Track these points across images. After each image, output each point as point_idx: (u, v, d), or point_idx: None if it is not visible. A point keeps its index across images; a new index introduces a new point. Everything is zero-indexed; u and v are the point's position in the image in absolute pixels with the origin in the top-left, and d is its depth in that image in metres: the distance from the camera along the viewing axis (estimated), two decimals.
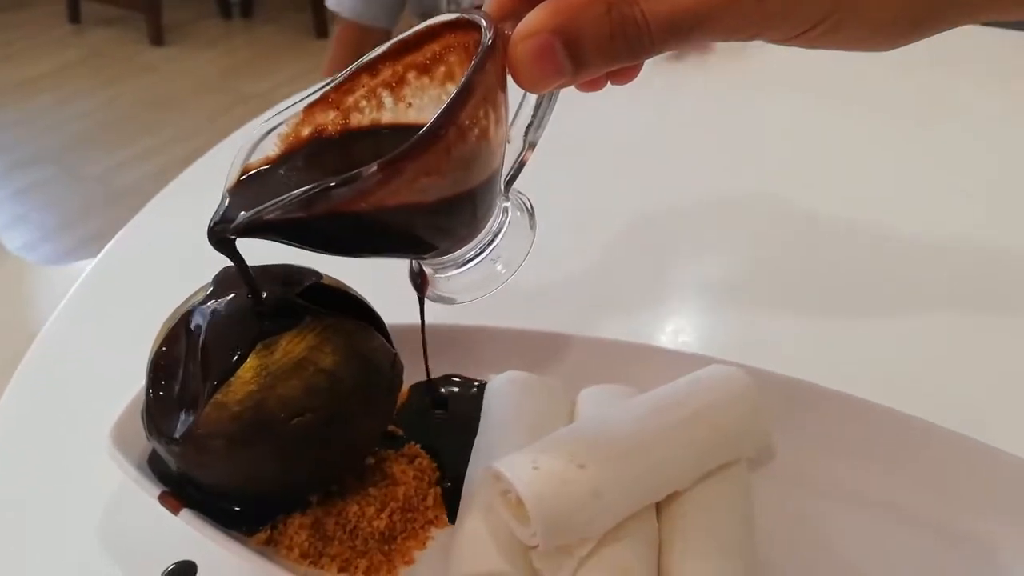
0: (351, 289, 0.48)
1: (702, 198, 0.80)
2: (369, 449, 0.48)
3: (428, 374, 0.53)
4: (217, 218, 0.39)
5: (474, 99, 0.35)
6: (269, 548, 0.45)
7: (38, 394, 0.60)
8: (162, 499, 0.44)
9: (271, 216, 0.37)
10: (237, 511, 0.45)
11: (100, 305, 0.70)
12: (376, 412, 0.45)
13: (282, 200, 0.37)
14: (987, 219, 0.76)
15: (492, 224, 0.43)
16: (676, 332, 0.64)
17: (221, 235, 0.38)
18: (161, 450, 0.44)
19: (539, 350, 0.57)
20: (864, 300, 0.67)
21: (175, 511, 0.44)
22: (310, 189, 0.35)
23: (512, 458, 0.45)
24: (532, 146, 0.44)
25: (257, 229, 0.37)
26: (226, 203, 0.39)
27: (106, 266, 0.74)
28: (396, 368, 0.47)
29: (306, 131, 0.42)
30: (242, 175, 0.40)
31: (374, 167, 0.34)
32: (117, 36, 3.24)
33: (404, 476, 0.49)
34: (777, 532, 0.47)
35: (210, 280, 0.47)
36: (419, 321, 0.51)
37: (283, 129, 0.42)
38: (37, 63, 3.03)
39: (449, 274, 0.44)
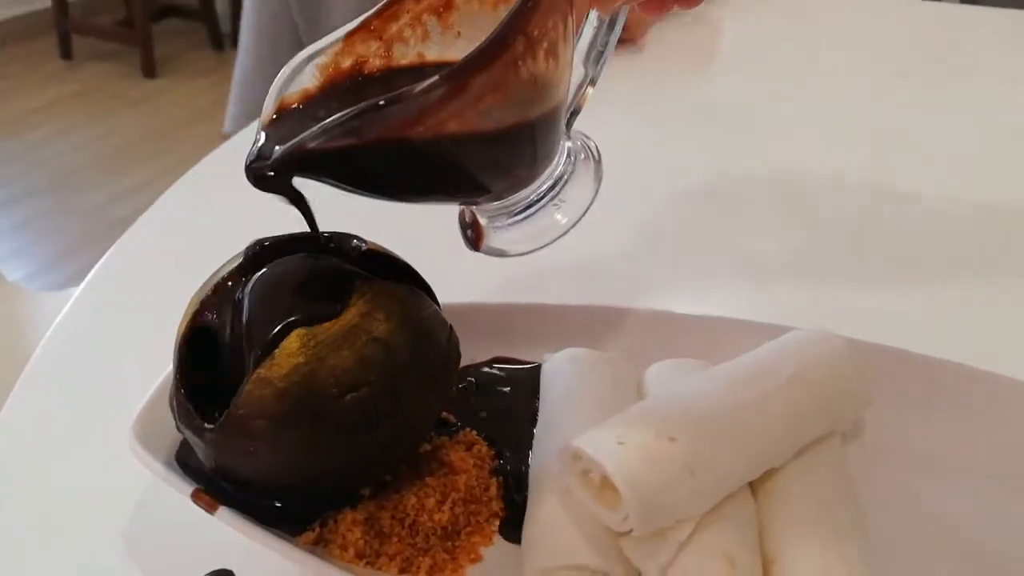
0: (396, 255, 0.43)
1: (754, 166, 0.76)
2: (426, 432, 0.43)
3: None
4: (253, 155, 0.34)
5: (543, 5, 0.31)
6: (319, 548, 0.39)
7: (44, 403, 0.55)
8: (196, 497, 0.39)
9: (314, 144, 0.32)
10: (280, 508, 0.40)
11: (103, 312, 0.64)
12: (434, 388, 0.40)
13: (327, 124, 0.32)
14: None
15: (554, 167, 0.38)
16: (734, 303, 0.59)
17: (259, 172, 0.34)
18: (194, 440, 0.39)
19: (595, 326, 0.52)
20: (939, 264, 0.63)
21: (211, 509, 0.39)
22: (361, 108, 0.31)
23: (592, 434, 0.39)
24: (593, 83, 0.40)
25: (297, 162, 0.33)
26: (262, 138, 0.34)
27: (104, 277, 0.69)
28: (452, 341, 0.42)
29: (347, 62, 0.37)
30: (278, 112, 0.36)
31: (436, 78, 0.30)
32: (109, 70, 3.21)
33: (463, 464, 0.43)
34: (880, 509, 0.41)
35: (238, 252, 0.42)
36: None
37: (322, 60, 0.37)
38: (30, 98, 2.99)
39: (506, 222, 0.39)
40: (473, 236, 0.40)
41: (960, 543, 0.41)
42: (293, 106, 0.36)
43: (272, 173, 0.34)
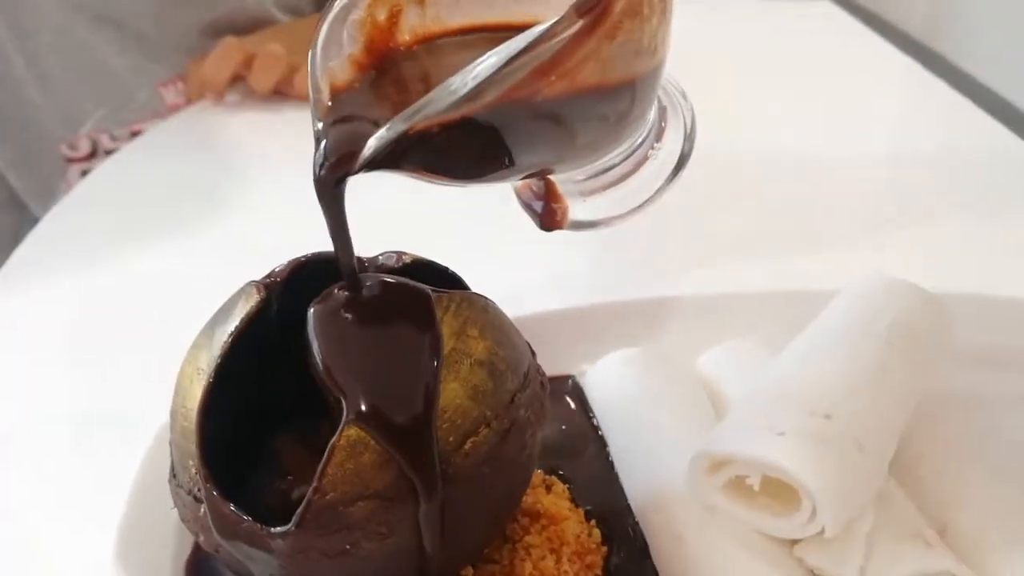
0: (439, 263, 0.34)
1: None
2: (530, 479, 0.34)
3: None
4: (327, 159, 0.25)
5: None
6: None
7: None
8: None
9: (425, 125, 0.23)
10: None
11: None
12: (542, 417, 0.31)
13: (439, 99, 0.23)
14: None
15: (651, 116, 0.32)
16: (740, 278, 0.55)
17: (342, 176, 0.24)
18: (247, 553, 0.27)
19: (618, 324, 0.45)
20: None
21: None
22: (493, 66, 0.23)
23: (734, 432, 0.33)
24: None
25: (401, 152, 0.24)
26: (331, 135, 0.25)
27: None
28: (534, 356, 0.33)
29: (382, 14, 0.29)
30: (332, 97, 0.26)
31: (571, 12, 0.23)
32: None
33: (559, 510, 0.35)
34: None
35: (241, 294, 0.31)
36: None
37: (357, 15, 0.28)
38: None
39: (593, 187, 0.32)
40: (547, 213, 0.32)
41: None
42: (347, 86, 0.27)
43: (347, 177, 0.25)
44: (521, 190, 0.33)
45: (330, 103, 0.26)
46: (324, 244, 0.30)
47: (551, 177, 0.32)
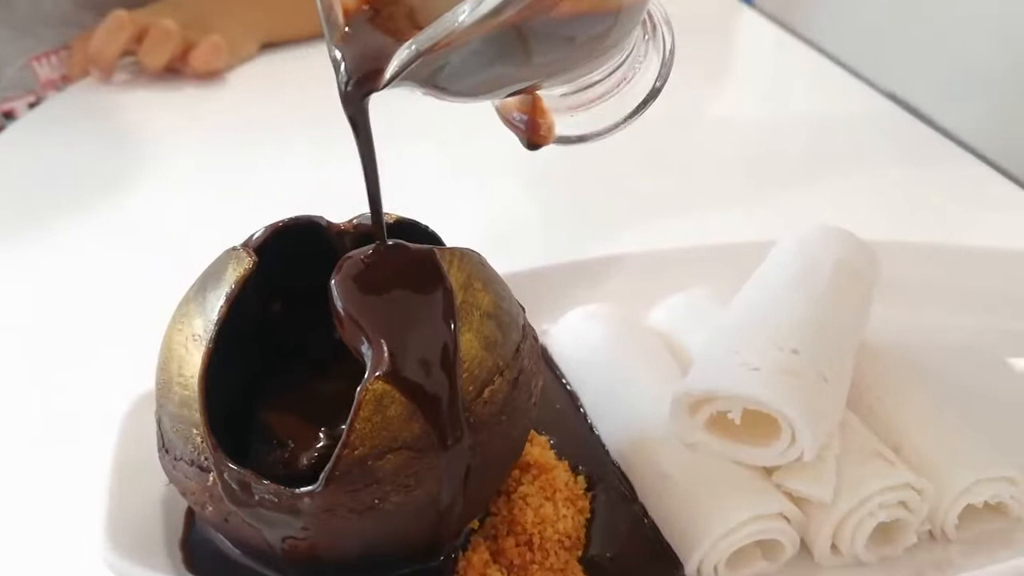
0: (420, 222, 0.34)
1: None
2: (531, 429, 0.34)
3: None
4: (352, 75, 0.25)
5: None
6: None
7: None
8: None
9: (448, 41, 0.24)
10: None
11: None
12: (540, 368, 0.32)
13: (455, 19, 0.23)
14: None
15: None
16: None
17: (368, 92, 0.25)
18: (271, 518, 0.26)
19: (571, 284, 0.47)
20: None
21: None
22: None
23: (712, 371, 0.35)
24: None
25: (423, 68, 0.24)
26: (348, 53, 0.25)
27: None
28: (523, 311, 0.34)
29: None
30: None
31: None
32: None
33: (547, 459, 0.36)
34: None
35: (226, 259, 0.30)
36: None
37: None
38: None
39: (580, 102, 0.32)
40: (532, 128, 0.33)
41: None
42: (352, 13, 0.26)
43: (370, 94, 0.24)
44: (505, 108, 0.34)
45: (347, 27, 0.26)
46: (230, 223, 0.30)
47: (539, 93, 0.32)
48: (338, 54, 0.26)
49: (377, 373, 0.26)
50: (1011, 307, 0.46)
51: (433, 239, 0.33)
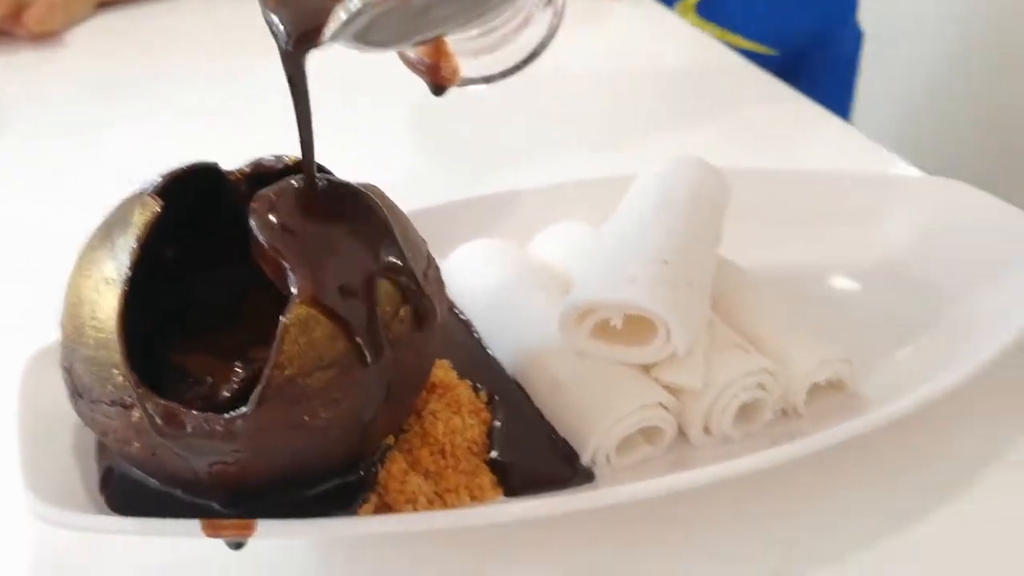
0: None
1: None
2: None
3: None
4: (291, 34, 0.27)
5: None
6: (384, 513, 0.32)
7: None
8: (212, 528, 0.29)
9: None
10: (322, 491, 0.31)
11: None
12: (444, 293, 0.35)
13: None
14: None
15: None
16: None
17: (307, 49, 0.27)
18: (199, 447, 0.28)
19: (452, 222, 0.49)
20: None
21: (245, 532, 0.29)
22: None
23: (594, 286, 0.39)
24: None
25: (362, 25, 0.26)
26: (285, 13, 0.27)
27: None
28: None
29: None
30: None
31: None
32: None
33: (449, 379, 0.38)
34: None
35: (130, 199, 0.30)
36: None
37: None
38: None
39: (482, 44, 0.35)
40: (434, 71, 0.35)
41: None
42: None
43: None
44: (407, 53, 0.36)
45: None
46: (78, 187, 0.30)
47: (445, 38, 0.35)
48: (274, 17, 0.27)
49: (300, 298, 0.28)
50: (832, 220, 0.52)
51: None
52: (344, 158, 0.59)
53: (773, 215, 0.51)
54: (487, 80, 0.36)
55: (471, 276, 0.45)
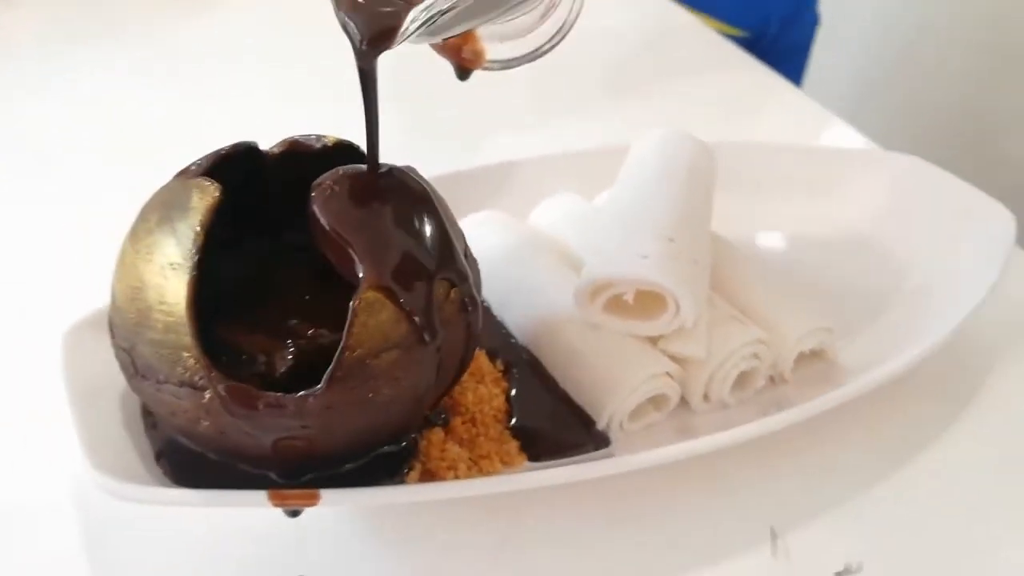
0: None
1: None
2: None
3: None
4: (366, 35, 0.28)
5: None
6: (427, 480, 0.34)
7: None
8: (279, 498, 0.30)
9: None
10: (372, 460, 0.33)
11: None
12: (479, 275, 0.36)
13: None
14: None
15: None
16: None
17: (382, 50, 0.28)
18: (269, 424, 0.29)
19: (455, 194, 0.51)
20: None
21: (311, 501, 0.31)
22: None
23: (607, 262, 0.41)
24: None
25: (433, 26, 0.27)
26: (356, 19, 0.28)
27: None
28: None
29: None
30: None
31: None
32: None
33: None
34: None
35: (185, 184, 0.31)
36: None
37: None
38: None
39: (508, 31, 0.36)
40: (462, 55, 0.36)
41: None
42: None
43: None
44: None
45: None
46: None
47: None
48: (348, 20, 0.28)
49: (367, 284, 0.29)
50: (797, 191, 0.56)
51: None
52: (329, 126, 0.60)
53: (741, 186, 0.54)
54: (509, 64, 0.37)
55: (479, 248, 0.47)
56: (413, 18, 0.27)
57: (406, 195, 0.32)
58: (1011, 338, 0.49)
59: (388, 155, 0.59)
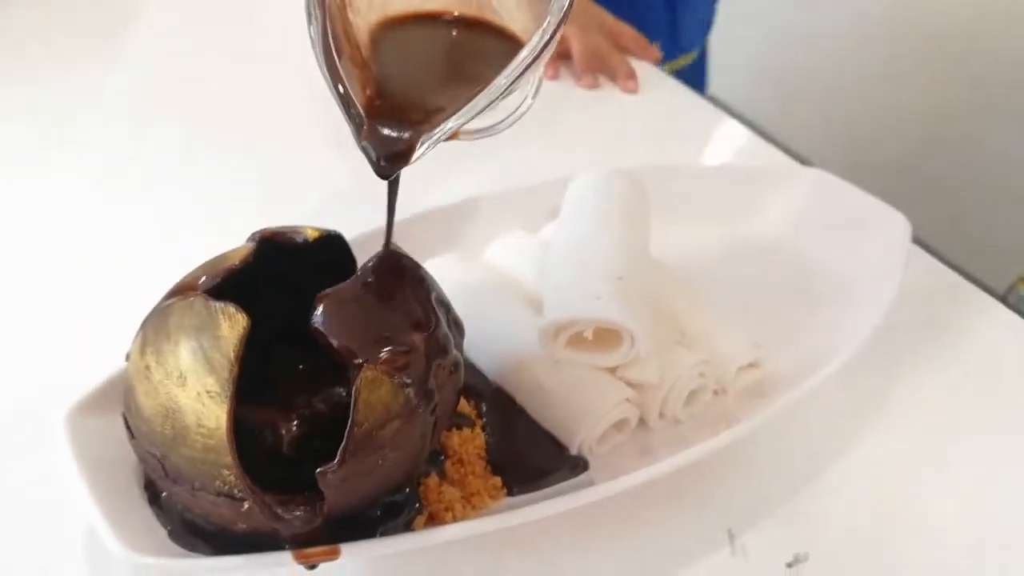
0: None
1: None
2: None
3: None
4: (384, 158, 0.32)
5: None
6: (431, 525, 0.38)
7: None
8: (303, 557, 0.33)
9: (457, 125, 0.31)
10: (380, 513, 0.36)
11: None
12: (461, 326, 0.40)
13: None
14: None
15: None
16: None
17: (400, 168, 0.33)
18: (288, 523, 0.33)
19: (411, 237, 0.53)
20: None
21: (333, 556, 0.34)
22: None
23: (566, 306, 0.45)
24: None
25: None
26: (373, 143, 0.32)
27: None
28: None
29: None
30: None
31: None
32: None
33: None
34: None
35: (213, 310, 0.33)
36: None
37: None
38: None
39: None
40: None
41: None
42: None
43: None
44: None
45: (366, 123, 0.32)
46: None
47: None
48: (368, 147, 0.32)
49: (368, 364, 0.32)
50: (737, 212, 0.61)
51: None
52: (283, 187, 0.62)
53: (667, 209, 0.58)
54: (483, 134, 0.41)
55: (445, 288, 0.50)
56: (422, 141, 0.31)
57: (398, 282, 0.35)
58: (914, 331, 0.55)
59: (336, 204, 0.62)
